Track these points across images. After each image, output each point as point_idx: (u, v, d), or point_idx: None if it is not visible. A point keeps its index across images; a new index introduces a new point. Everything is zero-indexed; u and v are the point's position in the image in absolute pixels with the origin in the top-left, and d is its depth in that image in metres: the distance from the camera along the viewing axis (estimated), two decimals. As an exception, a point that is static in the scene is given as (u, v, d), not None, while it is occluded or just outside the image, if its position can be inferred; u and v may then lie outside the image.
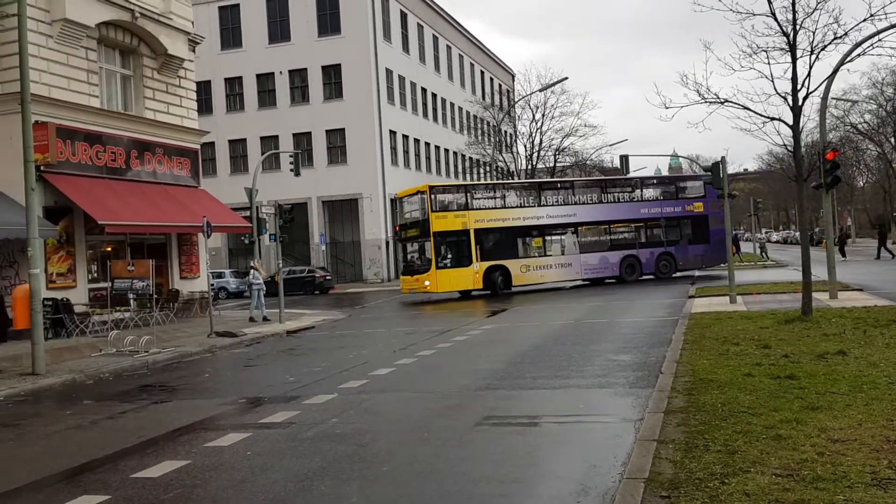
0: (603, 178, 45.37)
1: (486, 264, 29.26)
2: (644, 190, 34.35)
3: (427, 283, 28.58)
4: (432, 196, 29.26)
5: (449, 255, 28.98)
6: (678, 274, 33.28)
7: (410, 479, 6.45)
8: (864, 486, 5.09)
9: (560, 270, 31.12)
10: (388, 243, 44.90)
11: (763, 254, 49.10)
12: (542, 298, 26.71)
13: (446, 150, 56.44)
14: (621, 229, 32.93)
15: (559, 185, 34.80)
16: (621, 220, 32.90)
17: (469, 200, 29.95)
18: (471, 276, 28.96)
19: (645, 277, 32.43)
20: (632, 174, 42.47)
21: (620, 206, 32.88)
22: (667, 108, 15.55)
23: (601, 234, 32.51)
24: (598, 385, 9.95)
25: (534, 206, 31.29)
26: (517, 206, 31.18)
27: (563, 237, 32.00)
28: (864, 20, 14.15)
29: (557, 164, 56.26)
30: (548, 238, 31.41)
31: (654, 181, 38.54)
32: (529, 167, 54.06)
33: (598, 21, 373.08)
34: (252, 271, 24.19)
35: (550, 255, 31.22)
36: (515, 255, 30.23)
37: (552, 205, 31.98)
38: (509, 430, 8.04)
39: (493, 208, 30.55)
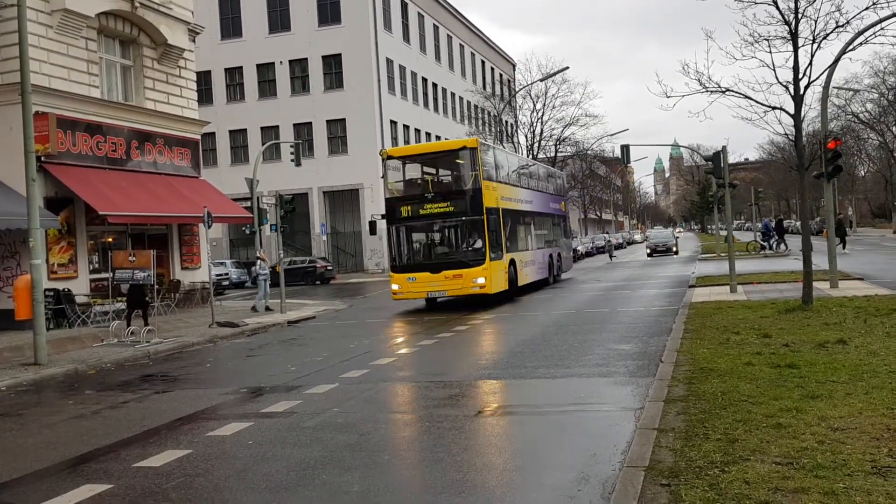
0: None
1: (510, 256, 22.68)
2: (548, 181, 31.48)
3: (481, 280, 20.41)
4: (483, 156, 21.63)
5: (493, 242, 21.01)
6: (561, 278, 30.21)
7: (411, 467, 6.48)
8: (863, 474, 5.10)
9: (534, 268, 26.13)
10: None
11: (768, 243, 48.40)
12: (534, 288, 26.69)
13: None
14: (547, 224, 29.39)
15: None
16: (548, 214, 29.43)
17: (499, 171, 23.23)
18: (504, 271, 21.96)
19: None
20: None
21: (546, 197, 29.78)
22: (668, 97, 15.54)
23: (545, 228, 28.92)
24: (599, 374, 9.96)
25: (527, 189, 26.72)
26: (528, 188, 26.91)
27: (542, 229, 28.30)
28: (867, 8, 14.11)
29: (558, 154, 56.21)
30: (536, 228, 27.13)
31: (545, 172, 32.83)
32: (530, 157, 54.00)
33: (597, 14, 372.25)
34: (258, 261, 24.19)
35: (537, 249, 26.92)
36: (518, 247, 24.22)
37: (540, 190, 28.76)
38: (510, 418, 8.07)
39: (516, 185, 25.21)
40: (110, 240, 22.59)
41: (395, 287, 21.05)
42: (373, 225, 24.05)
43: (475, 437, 7.27)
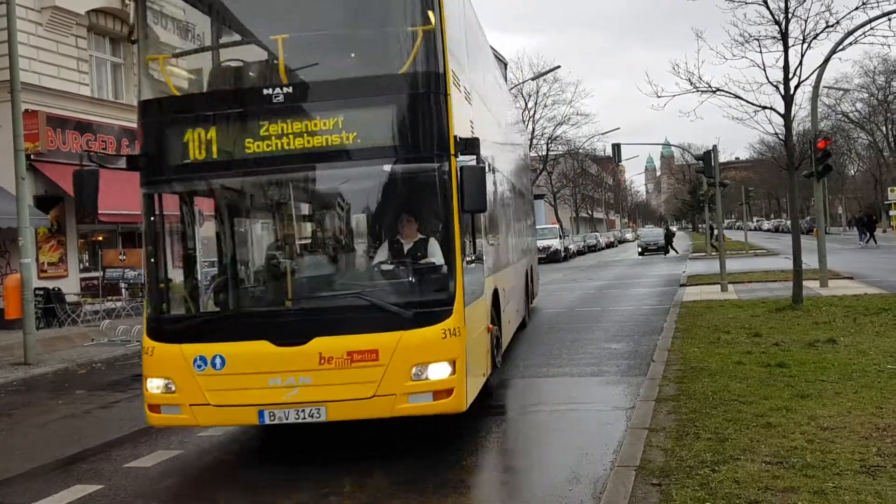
0: None
1: (493, 283, 11.30)
2: None
3: (441, 369, 6.49)
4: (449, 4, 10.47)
5: (468, 248, 9.17)
6: None
7: (398, 473, 6.47)
8: (853, 473, 5.14)
9: (514, 304, 11.88)
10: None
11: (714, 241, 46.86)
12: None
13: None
14: (523, 211, 23.18)
15: None
16: (523, 194, 22.71)
17: (474, 69, 13.78)
18: (484, 330, 11.14)
19: None
20: None
21: (519, 156, 21.35)
22: (659, 96, 15.55)
23: (522, 218, 22.85)
24: (591, 373, 9.99)
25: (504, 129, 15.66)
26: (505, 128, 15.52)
27: (520, 220, 21.72)
28: (856, 9, 14.17)
29: (550, 153, 56.26)
30: (515, 218, 17.47)
31: None
32: (522, 156, 54.02)
33: (583, 16, 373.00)
34: None
35: (517, 262, 15.55)
36: (500, 261, 12.58)
37: None
38: (502, 417, 8.07)
39: (493, 113, 15.05)
40: (101, 238, 22.48)
41: (153, 389, 6.74)
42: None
43: (466, 436, 7.28)
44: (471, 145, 6.63)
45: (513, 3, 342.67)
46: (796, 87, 14.23)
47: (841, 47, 15.54)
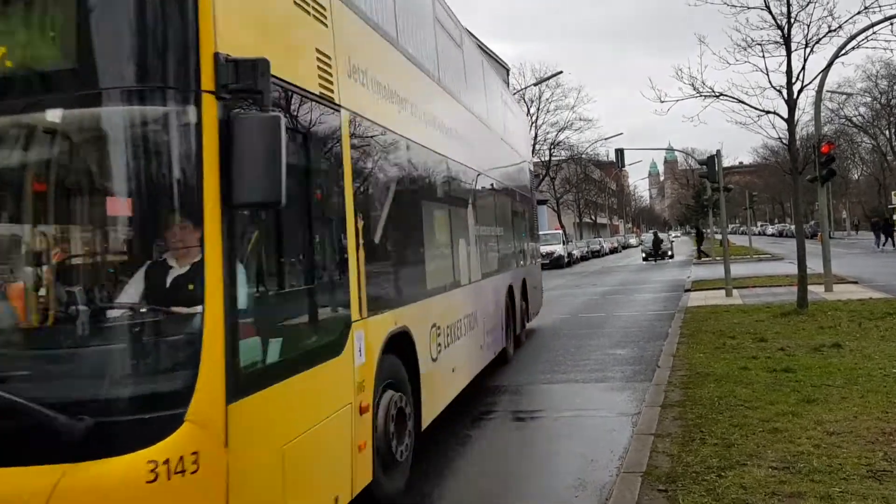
0: None
1: (388, 323, 7.19)
2: None
3: None
4: None
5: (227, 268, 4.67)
6: None
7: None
8: (859, 477, 5.12)
9: (470, 347, 10.54)
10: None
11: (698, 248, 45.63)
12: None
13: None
14: (506, 207, 19.01)
15: None
16: (507, 188, 17.90)
17: None
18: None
19: None
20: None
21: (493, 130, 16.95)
22: (662, 101, 15.59)
23: (500, 216, 18.45)
24: (596, 379, 9.97)
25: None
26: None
27: (494, 219, 17.81)
28: (858, 13, 14.19)
29: (553, 158, 56.32)
30: (478, 210, 14.30)
31: None
32: (525, 161, 54.04)
33: (583, 23, 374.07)
34: None
35: (483, 278, 12.02)
36: (409, 291, 7.39)
37: None
38: (506, 425, 8.07)
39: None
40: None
41: None
42: None
43: (470, 445, 7.27)
44: (248, 72, 3.41)
45: (514, 9, 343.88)
46: (799, 92, 14.24)
47: (844, 51, 15.55)
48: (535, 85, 52.15)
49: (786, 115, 14.50)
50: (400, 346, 5.78)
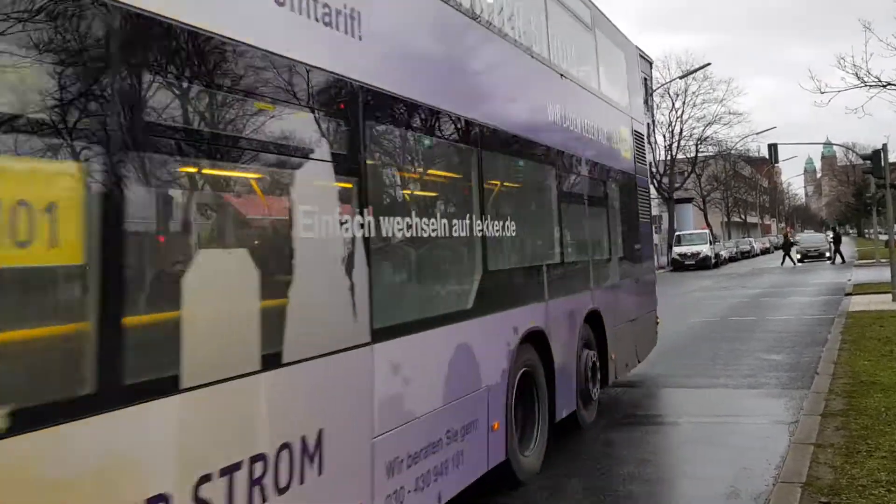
0: None
1: None
2: None
3: None
4: None
5: None
6: None
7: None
8: None
9: None
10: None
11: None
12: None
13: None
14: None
15: None
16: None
17: None
18: None
19: None
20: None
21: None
22: (822, 93, 14.83)
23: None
24: (748, 385, 9.56)
25: None
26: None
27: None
28: None
29: (699, 154, 54.26)
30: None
31: None
32: (668, 157, 52.41)
33: (738, 13, 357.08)
34: None
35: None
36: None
37: None
38: (653, 428, 7.90)
39: None
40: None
41: None
42: None
43: (616, 448, 7.17)
44: None
45: (659, 2, 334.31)
46: (982, 78, 13.03)
47: None
48: (680, 78, 50.49)
49: (965, 105, 13.31)
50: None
